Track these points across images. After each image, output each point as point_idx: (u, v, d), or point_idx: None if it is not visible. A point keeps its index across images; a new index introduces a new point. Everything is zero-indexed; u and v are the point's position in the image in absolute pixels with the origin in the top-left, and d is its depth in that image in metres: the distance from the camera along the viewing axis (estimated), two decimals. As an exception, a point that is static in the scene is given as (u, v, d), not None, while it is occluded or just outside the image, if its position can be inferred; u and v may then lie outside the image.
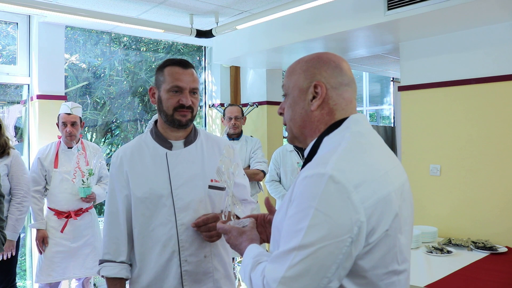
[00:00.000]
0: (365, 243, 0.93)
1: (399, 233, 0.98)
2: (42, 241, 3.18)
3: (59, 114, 3.29)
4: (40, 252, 3.21)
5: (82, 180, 3.18)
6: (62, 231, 3.19)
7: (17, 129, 4.15)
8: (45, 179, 3.24)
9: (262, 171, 3.69)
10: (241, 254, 1.17)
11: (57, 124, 3.33)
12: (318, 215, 0.90)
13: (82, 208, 3.29)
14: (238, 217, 1.47)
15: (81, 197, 3.19)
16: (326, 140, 1.07)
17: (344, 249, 0.90)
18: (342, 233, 0.90)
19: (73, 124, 3.26)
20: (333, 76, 1.09)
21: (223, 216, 1.42)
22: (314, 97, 1.09)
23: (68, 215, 3.22)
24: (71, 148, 3.30)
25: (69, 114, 3.26)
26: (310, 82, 1.10)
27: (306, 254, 0.90)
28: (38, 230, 3.20)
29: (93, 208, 3.43)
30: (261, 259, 1.05)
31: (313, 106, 1.09)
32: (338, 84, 1.09)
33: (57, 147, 3.31)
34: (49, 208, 3.27)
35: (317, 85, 1.08)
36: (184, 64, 1.65)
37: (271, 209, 1.38)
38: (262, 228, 1.36)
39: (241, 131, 3.88)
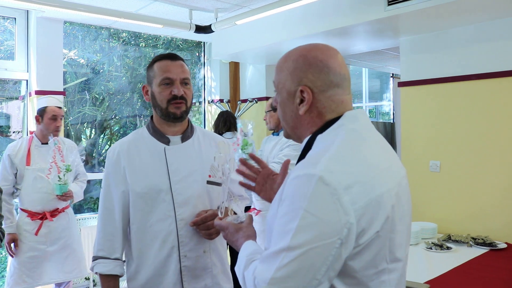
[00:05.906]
0: (355, 244, 0.92)
1: (391, 233, 0.97)
2: (13, 244, 2.94)
3: (46, 107, 3.04)
4: (12, 256, 2.98)
5: (59, 177, 2.92)
6: (36, 234, 2.93)
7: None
8: (15, 178, 2.97)
9: None
10: (238, 250, 1.18)
11: (37, 117, 3.05)
12: (307, 217, 0.90)
13: (58, 208, 3.04)
14: (235, 213, 1.47)
15: (57, 195, 2.95)
16: (320, 138, 1.05)
17: (333, 250, 0.89)
18: (331, 235, 0.89)
19: (61, 118, 3.10)
20: (320, 79, 1.05)
21: (219, 212, 1.42)
22: (302, 101, 1.07)
23: (42, 216, 2.97)
24: (46, 143, 3.01)
25: (60, 107, 3.08)
26: (297, 86, 1.07)
27: (294, 255, 0.89)
28: (7, 233, 2.93)
29: (70, 208, 3.19)
30: (254, 257, 1.05)
31: (301, 111, 1.07)
32: (326, 86, 1.05)
33: (29, 143, 3.03)
34: (21, 209, 3.01)
35: (303, 90, 1.06)
36: (172, 57, 1.64)
37: (258, 160, 1.48)
38: (265, 184, 1.41)
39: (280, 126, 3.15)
